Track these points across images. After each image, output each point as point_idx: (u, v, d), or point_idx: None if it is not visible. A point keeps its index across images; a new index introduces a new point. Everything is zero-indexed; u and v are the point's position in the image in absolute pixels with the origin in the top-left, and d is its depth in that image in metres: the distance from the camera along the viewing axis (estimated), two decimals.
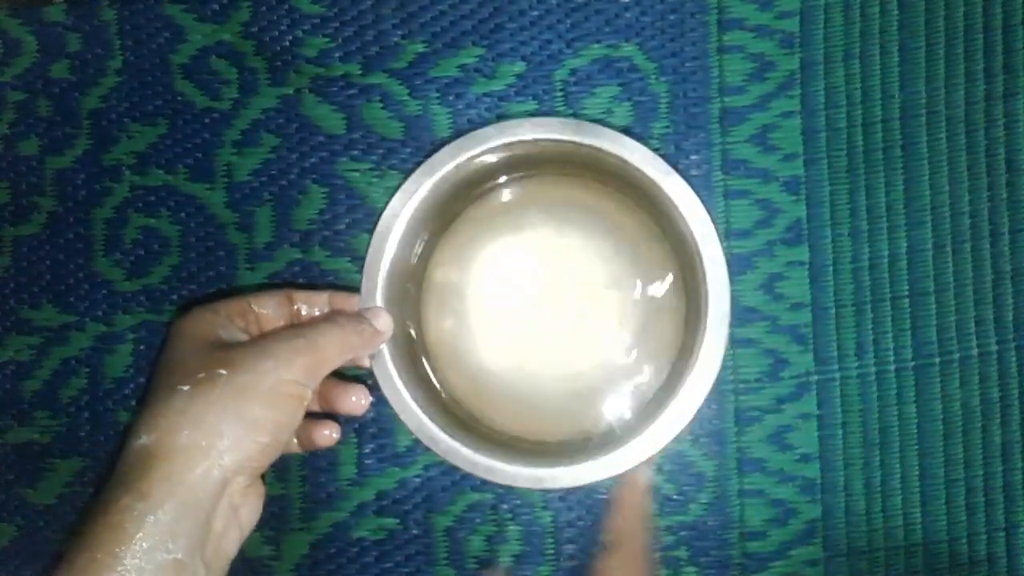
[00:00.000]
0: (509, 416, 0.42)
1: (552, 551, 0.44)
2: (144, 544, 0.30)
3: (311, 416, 0.39)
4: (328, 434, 0.39)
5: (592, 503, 0.43)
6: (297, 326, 0.37)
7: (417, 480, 0.44)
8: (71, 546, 0.31)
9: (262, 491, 0.35)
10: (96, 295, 0.45)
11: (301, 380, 0.34)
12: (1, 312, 0.45)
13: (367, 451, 0.44)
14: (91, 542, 0.31)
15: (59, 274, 0.45)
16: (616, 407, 0.42)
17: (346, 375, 0.42)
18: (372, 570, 0.44)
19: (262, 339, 0.35)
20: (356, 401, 0.39)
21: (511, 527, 0.44)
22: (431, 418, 0.39)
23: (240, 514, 0.34)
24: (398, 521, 0.44)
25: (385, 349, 0.39)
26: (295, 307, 0.39)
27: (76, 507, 0.44)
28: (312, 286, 0.43)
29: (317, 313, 0.40)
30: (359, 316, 0.38)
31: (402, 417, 0.39)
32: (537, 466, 0.39)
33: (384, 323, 0.39)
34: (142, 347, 0.44)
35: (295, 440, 0.40)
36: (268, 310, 0.39)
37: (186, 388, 0.33)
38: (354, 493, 0.44)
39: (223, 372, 0.33)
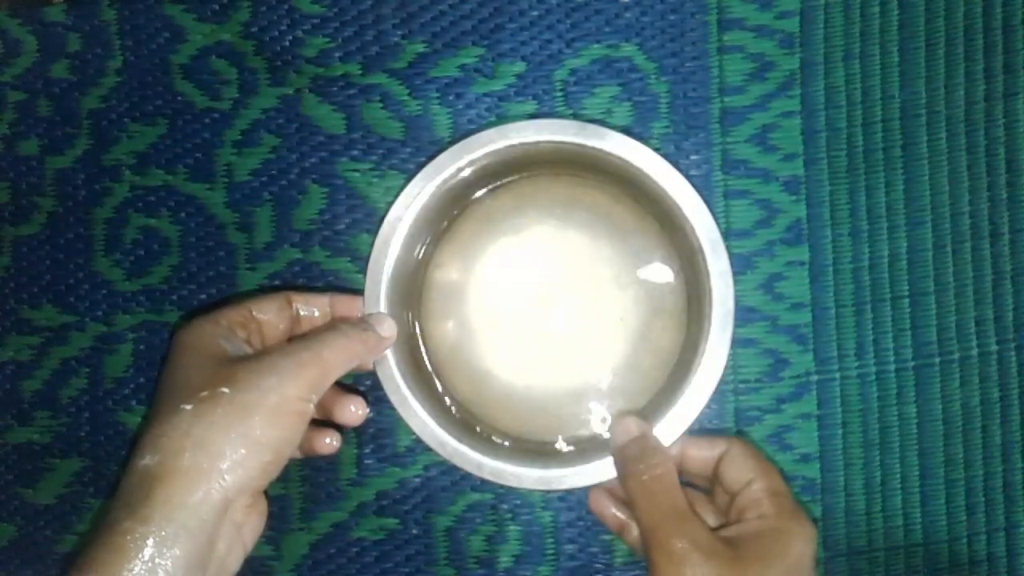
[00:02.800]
0: (511, 416, 0.42)
1: (552, 551, 0.44)
2: (144, 567, 0.30)
3: (311, 423, 0.39)
4: (329, 442, 0.39)
5: None
6: (300, 338, 0.37)
7: (417, 480, 0.44)
8: (71, 566, 0.31)
9: (264, 508, 0.35)
10: (96, 295, 0.45)
11: (304, 395, 0.34)
12: (1, 312, 0.45)
13: (367, 451, 0.44)
14: (92, 563, 0.31)
15: (59, 274, 0.45)
16: (618, 407, 0.42)
17: (343, 382, 0.42)
18: (372, 570, 0.44)
19: (266, 354, 0.35)
20: (354, 412, 0.38)
21: (511, 527, 0.44)
22: (436, 421, 0.39)
23: (243, 532, 0.34)
24: (398, 521, 0.44)
25: (389, 352, 0.39)
26: (295, 308, 0.39)
27: (76, 507, 0.44)
28: (312, 288, 0.43)
29: (317, 314, 0.39)
30: (363, 323, 0.38)
31: (409, 423, 0.39)
32: (544, 468, 0.39)
33: (388, 329, 0.39)
34: (142, 347, 0.44)
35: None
36: (269, 315, 0.38)
37: (189, 407, 0.33)
38: (354, 493, 0.44)
39: (226, 390, 0.33)
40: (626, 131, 0.42)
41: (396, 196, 0.40)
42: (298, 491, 0.44)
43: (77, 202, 0.45)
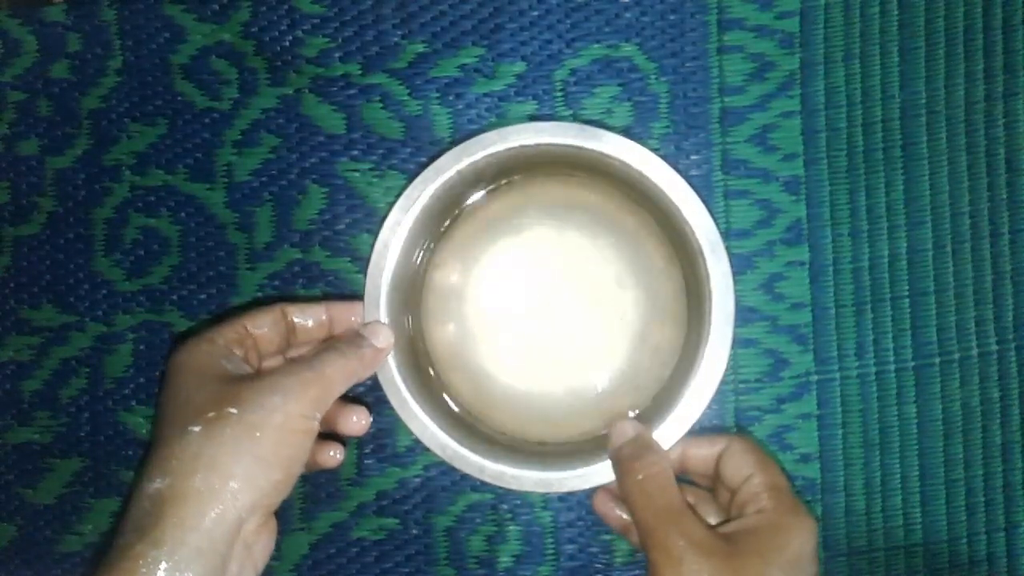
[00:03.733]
0: (511, 417, 0.42)
1: (552, 551, 0.44)
2: None
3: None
4: (333, 455, 0.39)
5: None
6: (301, 358, 0.37)
7: (417, 480, 0.44)
8: None
9: (274, 527, 0.35)
10: (96, 295, 0.45)
11: (308, 413, 0.34)
12: (1, 312, 0.45)
13: (367, 451, 0.44)
14: None
15: (59, 274, 0.45)
16: (619, 408, 0.42)
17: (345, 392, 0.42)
18: (372, 570, 0.44)
19: (268, 374, 0.35)
20: (357, 422, 0.38)
21: (511, 527, 0.44)
22: (436, 423, 0.39)
23: (254, 552, 0.34)
24: (398, 521, 0.44)
25: (389, 356, 0.39)
26: (290, 319, 0.39)
27: (76, 507, 0.45)
28: (307, 298, 0.43)
29: (311, 323, 0.39)
30: (358, 338, 0.38)
31: (410, 425, 0.39)
32: (544, 470, 0.39)
33: (384, 339, 0.38)
34: (142, 347, 0.44)
35: None
36: (264, 329, 0.38)
37: (197, 429, 0.33)
38: (354, 493, 0.44)
39: (233, 411, 0.33)
40: (626, 131, 0.43)
41: (395, 199, 0.40)
42: (298, 491, 0.44)
43: (77, 202, 0.45)
